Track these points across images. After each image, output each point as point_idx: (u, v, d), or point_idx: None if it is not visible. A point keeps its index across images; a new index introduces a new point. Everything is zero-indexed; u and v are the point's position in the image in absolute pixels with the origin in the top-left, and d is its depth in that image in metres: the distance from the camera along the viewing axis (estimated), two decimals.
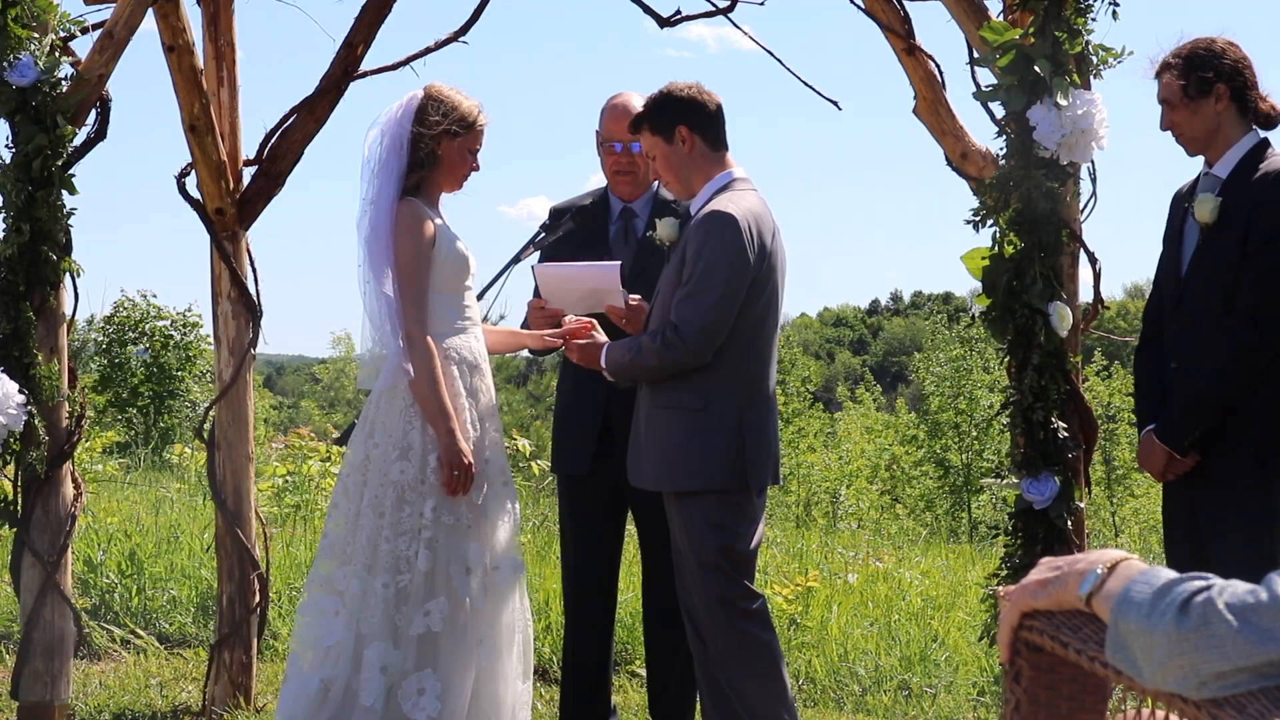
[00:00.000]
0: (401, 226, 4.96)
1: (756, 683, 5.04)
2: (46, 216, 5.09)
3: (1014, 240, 4.83)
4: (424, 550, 4.92)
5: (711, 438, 4.98)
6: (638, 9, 5.81)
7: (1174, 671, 1.85)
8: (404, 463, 4.95)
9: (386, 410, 5.02)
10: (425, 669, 4.92)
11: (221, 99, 6.18)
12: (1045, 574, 2.16)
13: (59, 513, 5.13)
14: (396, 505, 4.94)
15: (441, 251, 5.03)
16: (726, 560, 5.00)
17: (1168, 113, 5.00)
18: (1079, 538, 4.90)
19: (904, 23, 5.41)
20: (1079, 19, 4.80)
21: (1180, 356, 4.96)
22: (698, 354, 4.90)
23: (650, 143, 5.17)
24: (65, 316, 5.28)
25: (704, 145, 5.13)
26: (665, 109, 5.14)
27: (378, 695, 4.84)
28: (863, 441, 30.22)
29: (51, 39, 5.16)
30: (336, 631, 4.94)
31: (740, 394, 5.03)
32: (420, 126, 5.03)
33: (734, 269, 4.91)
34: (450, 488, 4.94)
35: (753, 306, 5.00)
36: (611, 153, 5.70)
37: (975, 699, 6.89)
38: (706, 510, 4.99)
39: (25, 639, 5.07)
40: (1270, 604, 1.81)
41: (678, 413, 5.02)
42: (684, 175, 5.14)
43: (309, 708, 4.87)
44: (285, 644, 7.46)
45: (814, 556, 10.66)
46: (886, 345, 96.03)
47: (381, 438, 4.99)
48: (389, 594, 4.90)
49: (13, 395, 4.97)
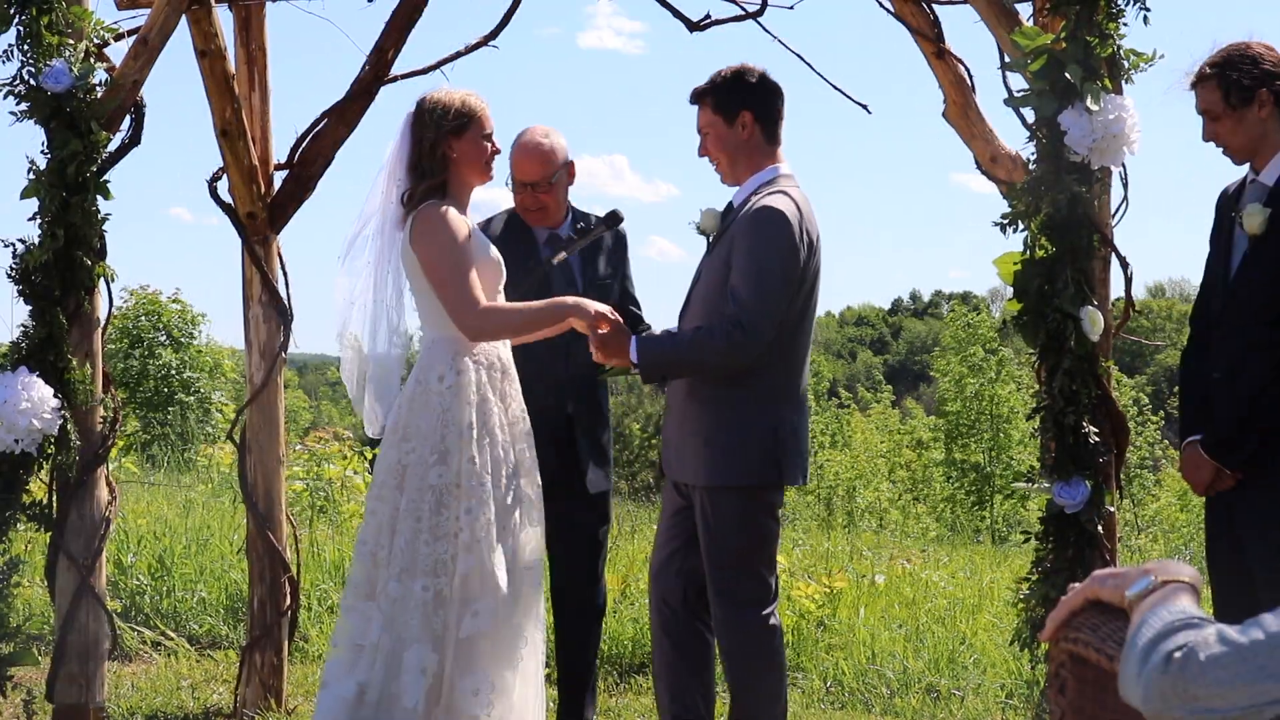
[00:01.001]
0: (423, 229, 4.96)
1: (758, 679, 5.07)
2: (81, 221, 5.12)
3: (1045, 245, 4.83)
4: (462, 553, 4.93)
5: (751, 433, 5.00)
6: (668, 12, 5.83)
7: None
8: (442, 466, 4.95)
9: (420, 413, 5.01)
10: (476, 670, 4.94)
11: (253, 103, 6.21)
12: (1120, 568, 2.21)
13: (93, 516, 5.16)
14: (435, 509, 4.94)
15: (476, 255, 5.04)
16: (756, 557, 5.03)
17: (1209, 124, 4.96)
18: (1110, 542, 4.89)
19: (933, 26, 5.41)
20: (1110, 24, 4.78)
21: (1223, 366, 4.93)
22: (761, 350, 4.90)
23: (708, 120, 5.17)
24: (99, 321, 5.31)
25: (761, 136, 5.15)
26: (734, 90, 5.14)
27: (419, 697, 4.86)
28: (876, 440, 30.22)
29: (86, 45, 5.19)
30: (372, 634, 4.96)
31: (780, 392, 5.05)
32: (420, 138, 5.01)
33: (787, 266, 4.93)
34: (601, 346, 4.99)
35: (795, 305, 5.02)
36: (521, 191, 5.75)
37: (1004, 701, 6.89)
38: (744, 505, 5.01)
39: (60, 642, 5.10)
40: (1266, 643, 1.88)
41: (719, 407, 5.03)
42: (735, 160, 5.15)
43: (346, 711, 4.89)
44: (316, 646, 7.50)
45: (840, 558, 10.67)
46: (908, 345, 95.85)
47: (417, 442, 4.99)
48: (428, 597, 4.91)
49: (47, 400, 4.99)
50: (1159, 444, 24.94)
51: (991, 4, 5.08)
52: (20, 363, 5.07)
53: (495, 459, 4.99)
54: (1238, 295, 4.92)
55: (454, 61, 6.12)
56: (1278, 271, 4.79)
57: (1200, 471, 4.93)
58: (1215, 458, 4.87)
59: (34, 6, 5.10)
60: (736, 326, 4.86)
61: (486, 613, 4.93)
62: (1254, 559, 4.85)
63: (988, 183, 5.33)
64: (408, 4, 5.98)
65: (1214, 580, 5.09)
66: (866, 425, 33.06)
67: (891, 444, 29.79)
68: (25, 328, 5.17)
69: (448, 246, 4.92)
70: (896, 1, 5.43)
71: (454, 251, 4.93)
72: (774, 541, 5.12)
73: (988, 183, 5.33)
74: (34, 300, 5.16)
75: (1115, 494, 4.94)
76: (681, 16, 5.79)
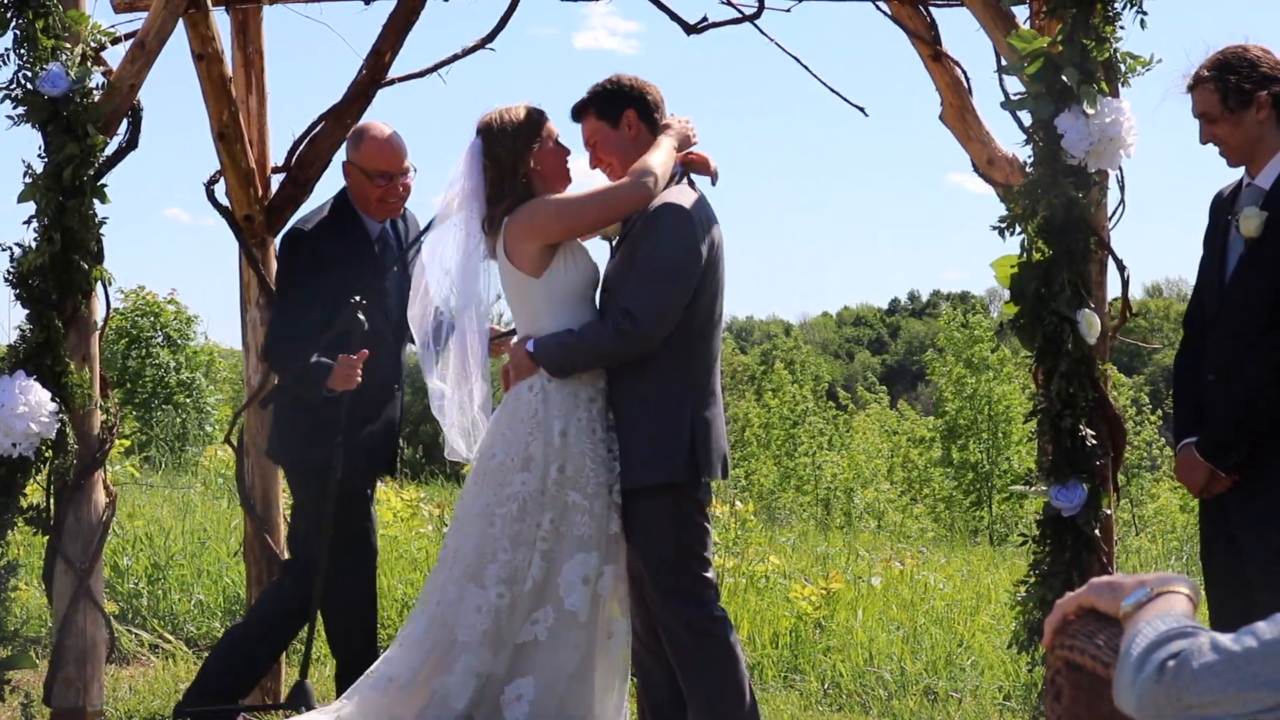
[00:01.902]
0: (518, 221, 5.02)
1: (716, 683, 5.06)
2: (78, 225, 5.11)
3: (1042, 248, 4.84)
4: (539, 561, 4.95)
5: (664, 431, 5.01)
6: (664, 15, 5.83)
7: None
8: (525, 474, 4.96)
9: (509, 421, 5.05)
10: (526, 676, 4.96)
11: (250, 106, 6.21)
12: (1117, 577, 2.21)
13: (91, 520, 5.16)
14: (517, 517, 4.95)
15: (578, 258, 5.11)
16: (689, 553, 5.04)
17: (1207, 126, 4.95)
18: (1108, 544, 4.90)
19: (930, 29, 5.42)
20: (1107, 27, 4.79)
21: (1218, 368, 4.93)
22: (649, 340, 4.94)
23: (593, 128, 5.20)
24: (96, 325, 5.31)
25: (647, 134, 5.18)
26: (614, 95, 5.20)
27: (469, 700, 4.91)
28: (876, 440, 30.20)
29: (83, 49, 5.19)
30: (417, 632, 5.01)
31: (691, 388, 5.06)
32: (497, 160, 5.06)
33: (688, 259, 4.97)
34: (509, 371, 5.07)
35: (701, 299, 5.05)
36: (382, 183, 5.78)
37: (1001, 703, 6.89)
38: (667, 503, 5.01)
39: (58, 646, 5.10)
40: (1259, 651, 1.88)
41: (635, 406, 5.06)
42: (626, 161, 5.17)
43: (378, 700, 4.96)
44: (314, 649, 7.50)
45: (838, 560, 10.67)
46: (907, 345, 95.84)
47: (500, 448, 5.01)
48: (503, 604, 4.93)
49: (45, 404, 4.99)
50: (1156, 443, 24.93)
51: (988, 7, 5.09)
52: (17, 366, 5.07)
53: (580, 471, 5.00)
54: (1233, 298, 4.92)
55: (451, 64, 6.13)
56: (1274, 274, 4.78)
57: (1195, 473, 4.93)
58: (1210, 460, 4.87)
59: (31, 10, 5.09)
60: (625, 315, 4.92)
61: (544, 622, 4.95)
62: (1250, 562, 4.85)
63: (984, 184, 5.35)
64: (405, 6, 5.98)
65: (1210, 583, 5.09)
66: (867, 425, 33.07)
67: (891, 444, 29.77)
68: (22, 331, 5.17)
69: (555, 199, 5.08)
70: (894, 4, 5.44)
71: (563, 196, 5.12)
72: (705, 536, 5.12)
73: (984, 184, 5.35)
74: (31, 304, 5.16)
75: (1112, 497, 4.95)
76: (678, 19, 5.80)
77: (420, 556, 9.19)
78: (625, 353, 4.99)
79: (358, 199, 5.88)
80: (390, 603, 8.24)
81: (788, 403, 28.12)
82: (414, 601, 8.01)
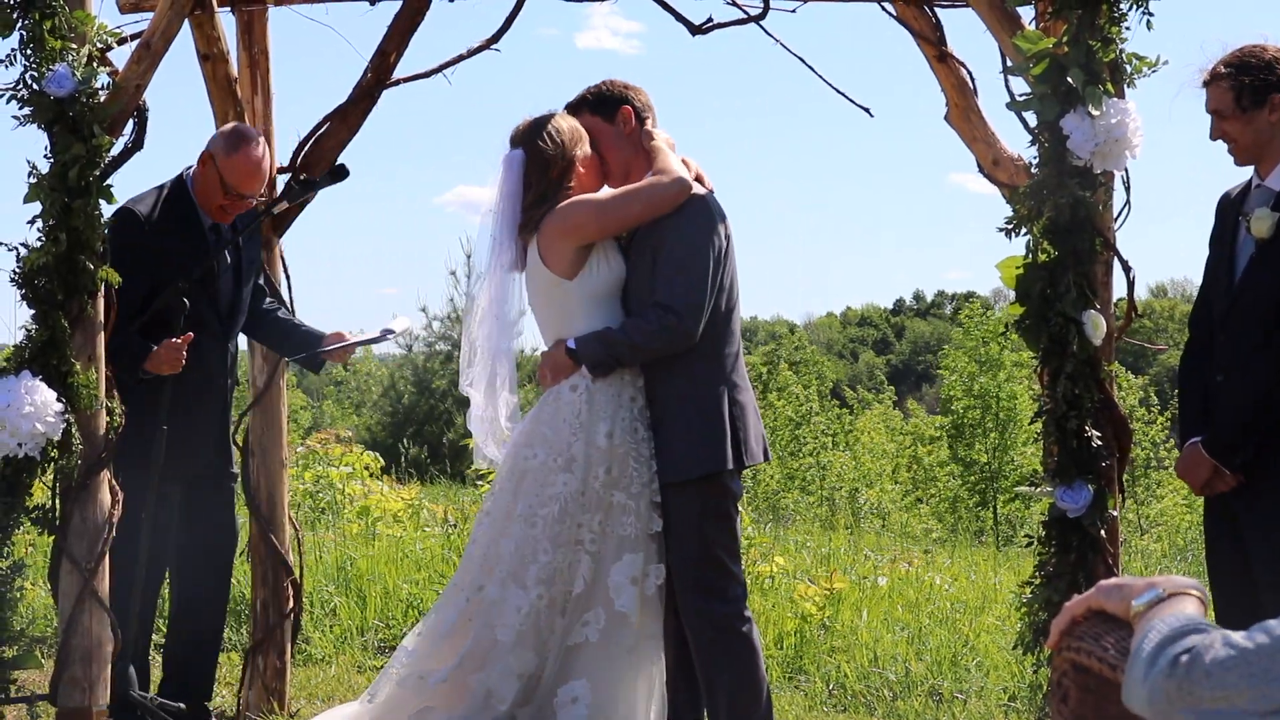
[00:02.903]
0: (553, 221, 5.06)
1: (736, 680, 5.08)
2: (83, 225, 5.11)
3: (1047, 249, 4.83)
4: (588, 561, 4.96)
5: (703, 422, 5.05)
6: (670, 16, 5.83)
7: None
8: (567, 474, 4.98)
9: (548, 421, 5.06)
10: (580, 678, 4.97)
11: (255, 107, 6.21)
12: (1125, 580, 2.22)
13: (96, 520, 5.16)
14: (558, 518, 4.97)
15: (610, 258, 5.14)
16: (723, 548, 5.08)
17: (1218, 123, 4.96)
18: (1113, 546, 4.89)
19: (935, 30, 5.42)
20: (1112, 28, 4.79)
21: (1227, 369, 4.93)
22: (692, 334, 5.00)
23: (589, 124, 5.26)
24: (102, 325, 5.31)
25: (639, 131, 5.26)
26: (608, 94, 5.28)
27: (513, 700, 4.94)
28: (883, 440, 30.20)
29: (89, 49, 5.18)
30: (442, 626, 5.06)
31: (723, 377, 5.12)
32: (545, 167, 5.12)
33: (715, 248, 5.06)
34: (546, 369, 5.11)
35: (723, 288, 5.12)
36: (232, 199, 5.77)
37: (1006, 704, 6.89)
38: (704, 496, 5.06)
39: (64, 645, 5.10)
40: (1270, 647, 1.89)
41: (671, 402, 5.10)
42: (624, 156, 5.26)
43: (407, 697, 5.02)
44: (318, 649, 7.51)
45: (842, 560, 10.66)
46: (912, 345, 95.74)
47: (541, 449, 5.02)
48: (541, 605, 4.95)
49: (50, 404, 4.99)
50: (1164, 444, 24.90)
51: (993, 8, 5.08)
52: (23, 366, 5.07)
53: (624, 472, 5.01)
54: (1242, 299, 4.92)
55: (456, 65, 6.13)
56: None
57: (1198, 471, 4.94)
58: (1217, 459, 4.87)
59: (37, 11, 5.09)
60: (664, 310, 4.98)
61: (595, 624, 4.97)
62: (1257, 561, 4.85)
63: (986, 184, 5.35)
64: (410, 7, 5.98)
65: (1215, 584, 5.09)
66: (873, 425, 33.05)
67: (897, 444, 29.77)
68: (28, 330, 5.17)
69: (591, 199, 5.13)
70: (899, 5, 5.44)
71: (599, 196, 5.16)
72: (736, 531, 5.18)
73: (986, 184, 5.35)
74: (37, 304, 5.15)
75: (1118, 498, 4.94)
76: (683, 20, 5.79)
77: (425, 557, 9.19)
78: (669, 347, 5.03)
79: (200, 192, 5.85)
80: (395, 603, 8.25)
81: (793, 403, 28.11)
82: (419, 601, 8.04)
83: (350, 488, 11.90)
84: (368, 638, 7.87)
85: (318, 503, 11.74)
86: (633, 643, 5.05)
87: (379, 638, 7.90)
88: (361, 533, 10.48)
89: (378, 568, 8.72)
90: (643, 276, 5.10)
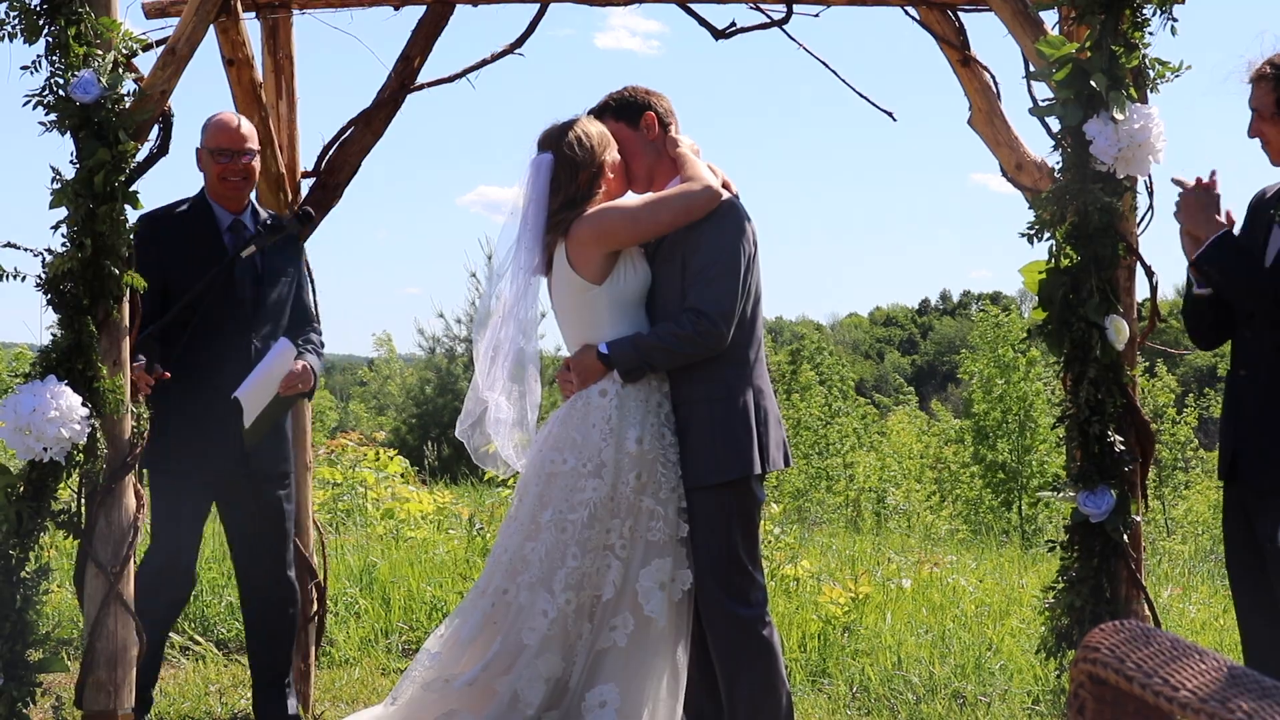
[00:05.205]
0: (587, 223, 5.08)
1: (756, 683, 5.09)
2: (109, 231, 5.13)
3: (1070, 253, 4.83)
4: (618, 567, 4.98)
5: (728, 427, 5.07)
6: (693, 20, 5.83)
7: None
8: (596, 480, 4.99)
9: (576, 425, 5.07)
10: (607, 682, 4.98)
11: (280, 112, 6.24)
12: None
13: (121, 524, 5.18)
14: (587, 524, 4.99)
15: (638, 264, 5.16)
16: (746, 553, 5.10)
17: (1257, 122, 4.95)
18: (1136, 550, 4.88)
19: (959, 34, 5.42)
20: (1136, 33, 4.77)
21: (1251, 363, 4.93)
22: (725, 338, 5.03)
23: (614, 129, 5.27)
24: (128, 330, 5.33)
25: (663, 136, 5.29)
26: (631, 100, 5.31)
27: (539, 704, 4.96)
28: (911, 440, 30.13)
29: (114, 55, 5.20)
30: (466, 630, 5.06)
31: (748, 381, 5.15)
32: (575, 172, 5.13)
33: (745, 254, 5.10)
34: (573, 374, 5.11)
35: (749, 293, 5.14)
36: (225, 160, 5.86)
37: (1030, 708, 6.88)
38: (730, 500, 5.08)
39: (89, 649, 5.12)
40: None
41: (699, 406, 5.11)
42: (647, 161, 5.29)
43: (432, 700, 5.03)
44: (342, 651, 7.53)
45: (867, 562, 10.65)
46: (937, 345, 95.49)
47: (571, 454, 5.03)
48: (569, 610, 4.97)
49: (76, 408, 5.01)
50: (1189, 444, 24.80)
51: (1017, 12, 5.08)
52: (49, 371, 5.10)
53: (653, 477, 5.03)
54: (1273, 294, 4.91)
55: (480, 70, 6.14)
56: None
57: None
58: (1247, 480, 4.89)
59: (63, 17, 5.11)
60: (697, 315, 5.00)
61: (624, 628, 4.98)
62: (1274, 565, 4.84)
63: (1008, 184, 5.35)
64: (434, 12, 6.00)
65: (1235, 584, 5.09)
66: (901, 426, 33.00)
67: (922, 445, 29.70)
68: (54, 335, 5.19)
69: (622, 205, 5.14)
70: (922, 9, 5.43)
71: (630, 202, 5.15)
72: (758, 534, 5.20)
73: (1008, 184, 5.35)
74: (63, 309, 5.18)
75: (1141, 503, 4.93)
76: (707, 25, 5.79)
77: (448, 560, 9.21)
78: (702, 352, 5.06)
79: (209, 186, 5.97)
80: (419, 605, 8.27)
81: (818, 403, 28.05)
82: (443, 604, 8.06)
83: (378, 491, 11.93)
84: (392, 640, 7.89)
85: (341, 506, 11.77)
86: (660, 647, 5.06)
87: (403, 640, 7.92)
88: (386, 534, 10.51)
89: (401, 570, 8.75)
90: (673, 282, 5.11)
